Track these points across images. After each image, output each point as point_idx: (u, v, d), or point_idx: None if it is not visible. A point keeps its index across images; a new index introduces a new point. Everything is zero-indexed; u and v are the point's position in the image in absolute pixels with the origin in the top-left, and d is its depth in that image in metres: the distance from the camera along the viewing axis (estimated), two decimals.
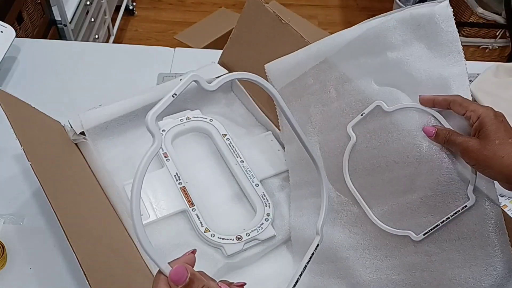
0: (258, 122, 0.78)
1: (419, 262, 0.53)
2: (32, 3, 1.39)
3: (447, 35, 0.52)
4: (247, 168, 0.68)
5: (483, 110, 0.47)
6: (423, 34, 0.54)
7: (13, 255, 0.63)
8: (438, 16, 0.52)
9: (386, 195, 0.55)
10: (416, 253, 0.53)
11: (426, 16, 0.53)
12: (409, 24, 0.55)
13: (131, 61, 0.92)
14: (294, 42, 0.67)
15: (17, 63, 0.90)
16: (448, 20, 0.52)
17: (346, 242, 0.59)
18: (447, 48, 0.52)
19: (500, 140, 0.45)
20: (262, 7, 0.72)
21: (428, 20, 0.53)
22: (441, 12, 0.52)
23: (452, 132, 0.49)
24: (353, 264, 0.57)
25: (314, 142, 0.63)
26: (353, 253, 0.58)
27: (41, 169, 0.54)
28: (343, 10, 2.32)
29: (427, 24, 0.53)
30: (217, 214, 0.65)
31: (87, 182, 0.64)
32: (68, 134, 0.69)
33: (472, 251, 0.49)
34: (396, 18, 0.56)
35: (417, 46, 0.54)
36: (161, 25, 2.22)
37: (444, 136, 0.49)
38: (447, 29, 0.52)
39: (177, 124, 0.73)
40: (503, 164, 0.44)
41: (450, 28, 0.52)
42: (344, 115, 0.59)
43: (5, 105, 0.57)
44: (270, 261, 0.63)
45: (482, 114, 0.46)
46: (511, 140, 0.45)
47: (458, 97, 0.49)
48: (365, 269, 0.57)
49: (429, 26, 0.53)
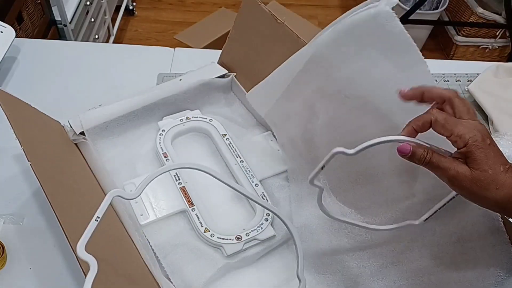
0: (258, 122, 0.78)
1: (426, 266, 0.53)
2: (32, 3, 1.39)
3: (396, 36, 0.47)
4: (247, 168, 0.68)
5: (470, 134, 0.41)
6: (373, 40, 0.50)
7: (13, 255, 0.63)
8: (381, 19, 0.47)
9: (388, 202, 0.55)
10: (421, 257, 0.53)
11: (369, 22, 0.49)
12: (355, 33, 0.51)
13: (131, 61, 0.92)
14: (290, 41, 0.67)
15: (17, 63, 0.90)
16: (391, 21, 0.47)
17: (352, 252, 0.58)
18: (401, 49, 0.48)
19: (492, 169, 0.41)
20: (258, 6, 0.72)
21: (373, 25, 0.48)
22: (383, 13, 0.47)
23: (433, 153, 0.43)
24: (359, 273, 0.57)
25: (314, 157, 0.64)
26: (359, 262, 0.58)
27: (41, 169, 0.54)
28: (343, 10, 2.32)
29: (373, 29, 0.49)
30: (217, 214, 0.65)
31: (87, 182, 0.64)
32: (68, 134, 0.69)
33: (473, 253, 0.50)
34: (340, 30, 0.52)
35: (372, 54, 0.50)
36: (161, 25, 2.23)
37: (422, 156, 0.43)
38: (394, 30, 0.47)
39: (177, 124, 0.73)
40: (498, 196, 0.41)
41: (397, 29, 0.47)
42: (332, 129, 0.59)
43: (5, 105, 0.57)
44: (270, 261, 0.63)
45: (469, 140, 0.41)
46: (502, 167, 0.41)
47: (440, 116, 0.43)
48: (372, 277, 0.56)
49: (375, 31, 0.49)
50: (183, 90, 0.75)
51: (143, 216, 0.63)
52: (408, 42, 0.47)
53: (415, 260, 0.53)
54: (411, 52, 0.47)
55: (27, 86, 0.86)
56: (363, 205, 0.58)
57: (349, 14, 0.52)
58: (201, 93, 0.77)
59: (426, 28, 2.03)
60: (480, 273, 0.49)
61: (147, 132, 0.74)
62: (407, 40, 0.47)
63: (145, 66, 0.90)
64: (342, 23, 0.52)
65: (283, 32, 0.69)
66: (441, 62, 1.01)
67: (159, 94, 0.74)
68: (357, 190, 0.59)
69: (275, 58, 0.70)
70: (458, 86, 0.89)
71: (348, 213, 0.60)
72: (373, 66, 0.51)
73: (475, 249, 0.49)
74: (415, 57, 0.47)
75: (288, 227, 0.55)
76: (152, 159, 0.71)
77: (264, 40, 0.73)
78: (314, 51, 0.57)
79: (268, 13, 0.70)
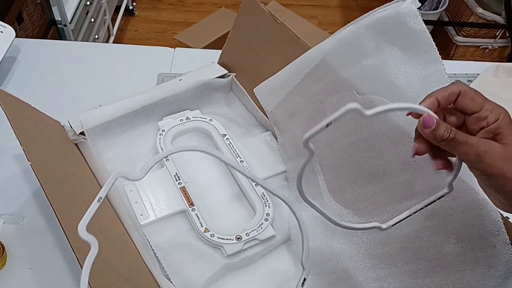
0: (258, 122, 0.78)
1: (421, 268, 0.53)
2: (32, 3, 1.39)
3: (417, 34, 0.50)
4: (247, 168, 0.68)
5: (502, 111, 0.39)
6: (394, 37, 0.52)
7: (13, 255, 0.63)
8: (404, 16, 0.50)
9: (386, 203, 0.55)
10: (417, 259, 0.53)
11: (392, 18, 0.51)
12: (377, 29, 0.53)
13: (131, 61, 0.92)
14: (290, 41, 0.67)
15: (17, 63, 0.90)
16: (415, 18, 0.49)
17: (347, 252, 0.58)
18: (420, 47, 0.50)
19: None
20: (257, 6, 0.72)
21: (396, 22, 0.51)
22: (407, 11, 0.50)
23: (456, 131, 0.39)
24: (355, 274, 0.57)
25: (314, 157, 0.64)
26: (354, 263, 0.57)
27: (41, 169, 0.54)
28: (343, 10, 2.32)
29: (395, 26, 0.51)
30: (217, 214, 0.65)
31: (87, 182, 0.64)
32: (68, 134, 0.69)
33: (472, 253, 0.49)
34: (364, 25, 0.54)
35: (390, 50, 0.52)
36: (161, 25, 2.23)
37: (446, 132, 0.38)
38: (416, 28, 0.50)
39: (177, 124, 0.73)
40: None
41: (419, 26, 0.49)
42: (337, 127, 0.59)
43: (5, 105, 0.57)
44: (270, 261, 0.63)
45: (500, 115, 0.38)
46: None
47: (468, 88, 0.40)
48: (366, 279, 0.56)
49: (397, 28, 0.51)
50: (183, 90, 0.75)
51: (143, 216, 0.63)
52: (428, 41, 0.49)
53: (411, 262, 0.53)
54: (430, 51, 0.49)
55: (27, 86, 0.86)
56: (361, 206, 0.58)
57: (372, 12, 0.54)
58: (201, 93, 0.77)
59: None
60: (479, 274, 0.49)
61: (147, 132, 0.74)
62: (427, 38, 0.49)
63: (145, 66, 0.90)
64: (365, 19, 0.54)
65: (283, 32, 0.69)
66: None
67: (159, 94, 0.74)
68: (355, 190, 0.59)
69: (275, 58, 0.70)
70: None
71: (345, 214, 0.60)
72: (389, 63, 0.52)
73: (474, 250, 0.49)
74: (432, 56, 0.49)
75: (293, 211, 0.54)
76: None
77: (263, 40, 0.73)
78: (331, 46, 0.57)
79: (267, 13, 0.70)
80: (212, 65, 0.80)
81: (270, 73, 0.68)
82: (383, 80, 0.53)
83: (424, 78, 0.50)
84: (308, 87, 0.63)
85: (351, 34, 0.55)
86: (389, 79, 0.52)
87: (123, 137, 0.73)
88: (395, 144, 0.53)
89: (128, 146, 0.72)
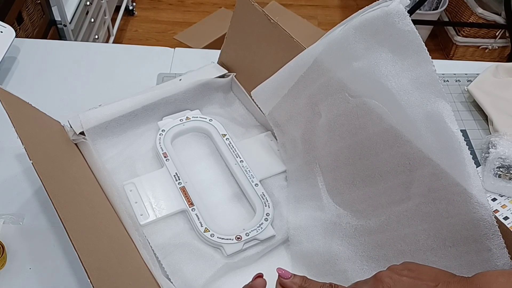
0: (258, 122, 0.78)
1: None
2: (32, 3, 1.39)
3: (406, 35, 0.49)
4: (247, 168, 0.69)
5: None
6: (383, 38, 0.51)
7: (13, 255, 0.63)
8: (393, 17, 0.49)
9: (383, 205, 0.55)
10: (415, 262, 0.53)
11: (380, 19, 0.50)
12: (366, 30, 0.52)
13: (131, 61, 0.92)
14: (284, 41, 0.67)
15: (17, 63, 0.90)
16: (403, 19, 0.48)
17: (345, 254, 0.58)
18: (410, 48, 0.49)
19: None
20: (251, 6, 0.71)
21: (384, 23, 0.50)
22: (395, 11, 0.49)
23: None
24: (352, 276, 0.57)
25: (312, 158, 0.64)
26: (351, 265, 0.57)
27: (43, 168, 0.54)
28: (343, 10, 2.32)
29: (384, 27, 0.50)
30: (217, 214, 0.65)
31: (87, 182, 0.64)
32: (68, 134, 0.69)
33: (468, 257, 0.49)
34: (353, 26, 0.53)
35: (380, 52, 0.51)
36: (161, 25, 2.23)
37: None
38: (405, 28, 0.48)
39: (177, 124, 0.73)
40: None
41: (408, 27, 0.48)
42: (333, 129, 0.59)
43: (7, 105, 0.57)
44: (270, 261, 0.63)
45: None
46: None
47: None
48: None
49: (386, 29, 0.50)
50: (183, 90, 0.75)
51: (143, 216, 0.63)
52: (417, 42, 0.48)
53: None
54: (420, 52, 0.48)
55: (27, 86, 0.86)
56: (359, 208, 0.58)
57: (361, 13, 0.53)
58: (201, 93, 0.77)
59: (426, 28, 2.04)
60: None
61: (147, 132, 0.74)
62: (416, 39, 0.48)
63: (145, 66, 0.90)
64: (354, 20, 0.53)
65: (277, 32, 0.68)
66: (441, 62, 1.00)
67: (159, 94, 0.74)
68: (353, 192, 0.59)
69: (270, 58, 0.70)
70: (458, 86, 0.89)
71: (343, 216, 0.60)
72: (379, 65, 0.51)
73: (470, 253, 0.49)
74: (422, 57, 0.48)
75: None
76: (152, 159, 0.71)
77: (259, 39, 0.73)
78: (323, 48, 0.57)
79: (261, 13, 0.70)
80: (212, 65, 0.80)
81: (268, 73, 0.68)
82: (374, 82, 0.53)
83: (415, 80, 0.49)
84: (302, 90, 0.62)
85: (341, 36, 0.55)
86: (380, 81, 0.52)
87: (123, 137, 0.73)
88: (390, 146, 0.52)
89: (128, 146, 0.72)
